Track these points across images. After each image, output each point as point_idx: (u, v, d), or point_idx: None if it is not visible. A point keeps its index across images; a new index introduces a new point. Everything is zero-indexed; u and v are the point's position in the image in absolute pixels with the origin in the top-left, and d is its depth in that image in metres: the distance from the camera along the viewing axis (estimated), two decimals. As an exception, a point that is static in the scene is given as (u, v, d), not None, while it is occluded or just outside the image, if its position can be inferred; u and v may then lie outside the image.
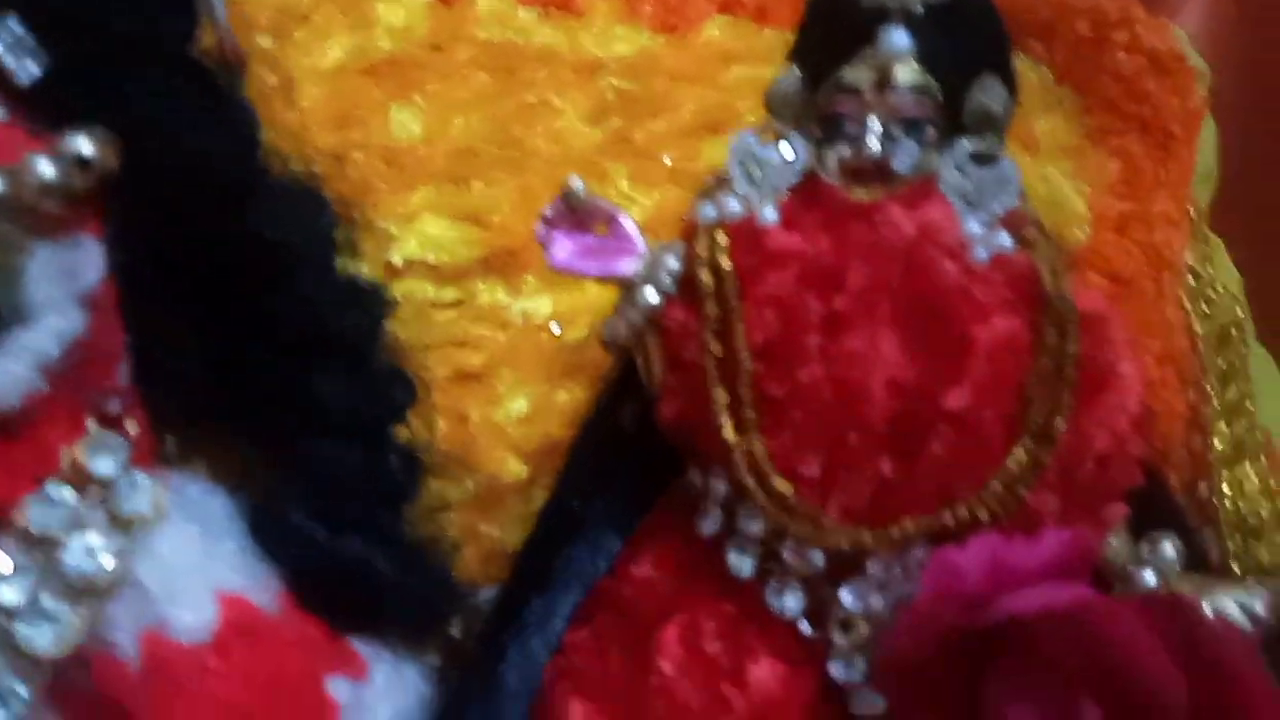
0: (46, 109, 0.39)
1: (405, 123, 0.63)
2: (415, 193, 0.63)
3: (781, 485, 0.40)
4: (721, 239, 0.42)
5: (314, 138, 0.61)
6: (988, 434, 0.38)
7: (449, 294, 0.62)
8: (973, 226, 0.41)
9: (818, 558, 0.41)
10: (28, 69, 0.38)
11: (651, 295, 0.42)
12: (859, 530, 0.39)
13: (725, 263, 0.41)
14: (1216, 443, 0.73)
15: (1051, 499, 0.40)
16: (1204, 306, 0.75)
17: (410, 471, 0.46)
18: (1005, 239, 0.41)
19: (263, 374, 0.44)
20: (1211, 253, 0.84)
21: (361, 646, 0.44)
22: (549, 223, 0.44)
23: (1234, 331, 0.75)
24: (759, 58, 0.69)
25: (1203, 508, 0.75)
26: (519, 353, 0.62)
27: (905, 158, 0.41)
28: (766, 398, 0.40)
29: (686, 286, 0.42)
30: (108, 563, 0.36)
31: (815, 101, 0.42)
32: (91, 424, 0.37)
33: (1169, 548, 0.41)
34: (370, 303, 0.47)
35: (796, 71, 0.42)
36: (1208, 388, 0.73)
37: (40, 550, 0.35)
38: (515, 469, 0.57)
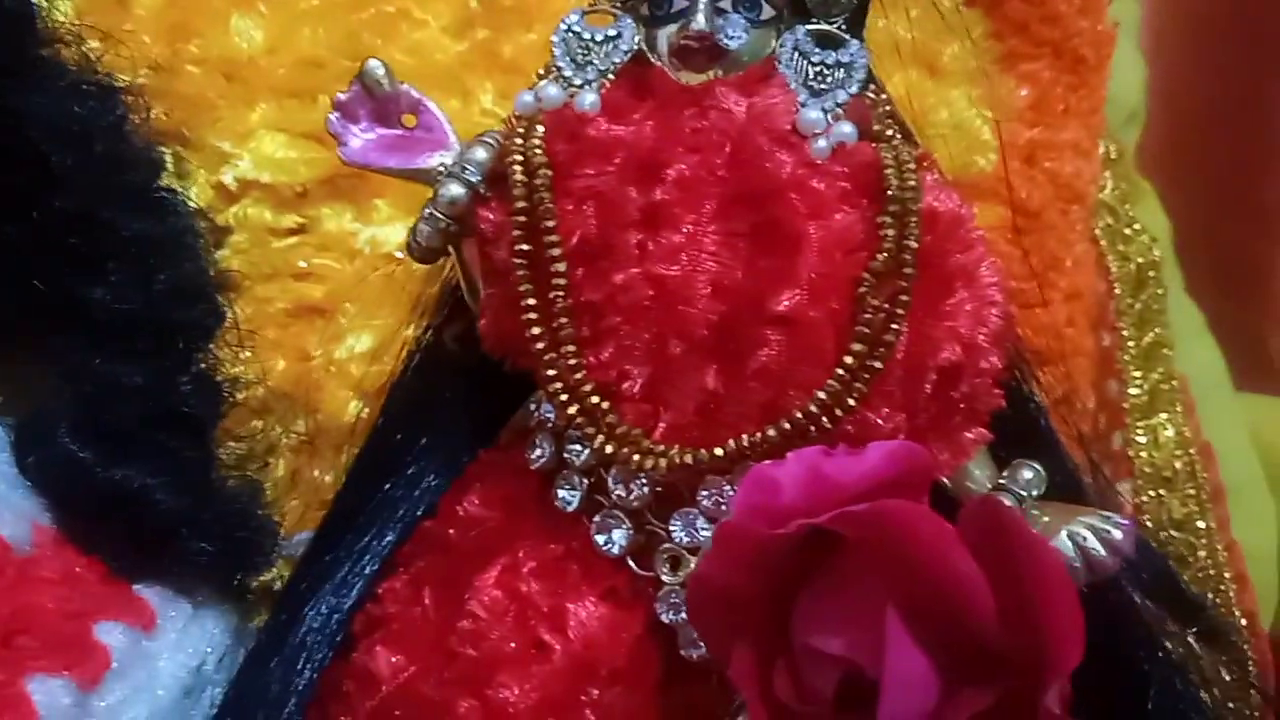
0: None
1: (246, 31, 0.60)
2: (255, 109, 0.60)
3: (601, 404, 0.37)
4: (538, 129, 0.38)
5: (146, 49, 0.57)
6: (819, 340, 0.35)
7: (289, 220, 0.59)
8: (813, 115, 0.38)
9: (643, 487, 0.38)
10: None
11: (456, 190, 0.39)
12: (683, 451, 0.37)
13: (538, 154, 0.38)
14: (1131, 391, 0.71)
15: (896, 416, 0.37)
16: (1121, 246, 0.74)
17: (209, 400, 0.42)
18: (849, 129, 0.38)
19: (41, 281, 0.40)
20: (1135, 195, 0.82)
21: (152, 594, 0.41)
22: (344, 110, 0.40)
23: (1151, 274, 0.74)
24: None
25: (1118, 460, 0.74)
26: (366, 285, 0.59)
27: (734, 34, 0.38)
28: (582, 305, 0.37)
29: (496, 181, 0.39)
30: None
31: (644, -23, 0.39)
32: None
33: (1026, 472, 0.39)
34: (166, 212, 0.44)
35: (624, -56, 0.39)
36: (1123, 332, 0.72)
37: None
38: (356, 410, 0.54)
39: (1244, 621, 0.66)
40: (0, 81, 0.40)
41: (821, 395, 0.35)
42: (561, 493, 0.40)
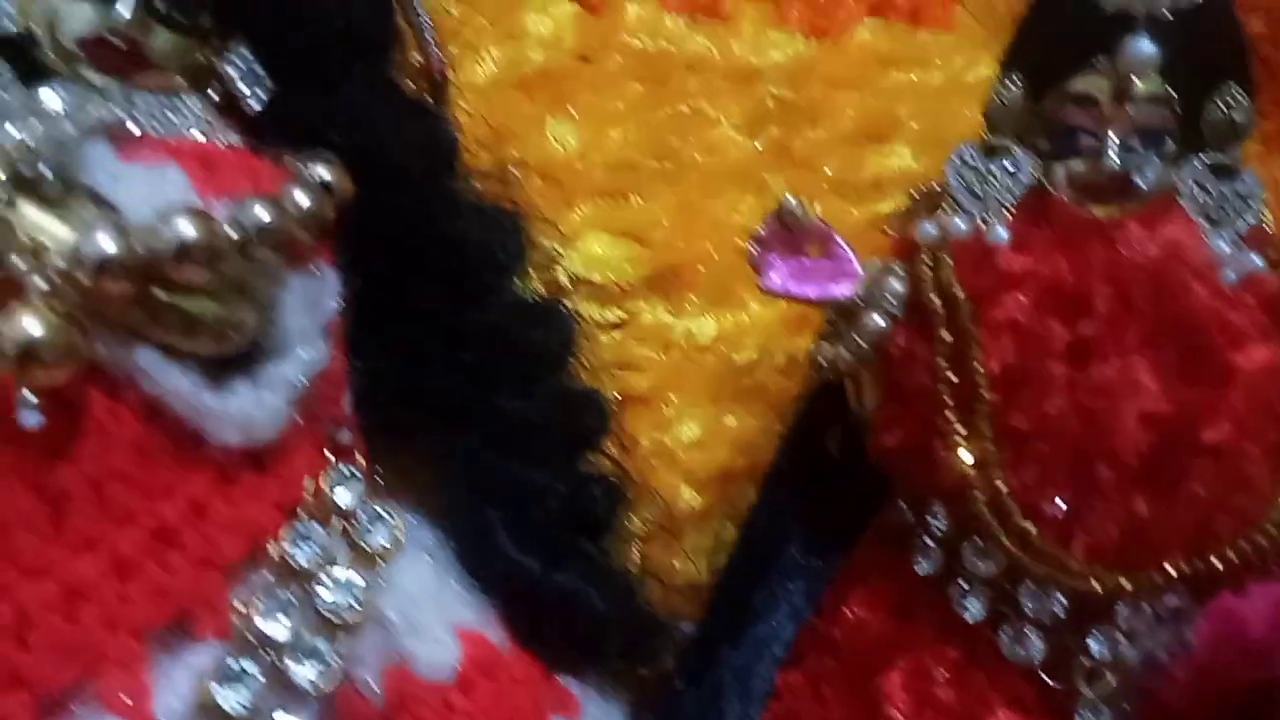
0: (266, 134, 0.41)
1: (562, 137, 0.63)
2: (575, 209, 0.63)
3: (1025, 524, 0.39)
4: (947, 260, 0.41)
5: (471, 155, 0.62)
6: (1252, 470, 0.38)
7: (612, 314, 0.63)
8: (1219, 245, 0.40)
9: (1059, 602, 0.40)
10: (257, 97, 0.39)
11: (879, 321, 0.42)
12: (1113, 574, 0.38)
13: (956, 287, 0.40)
14: None
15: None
16: None
17: (612, 501, 0.46)
18: (1254, 259, 0.40)
19: (454, 394, 0.44)
20: None
21: (572, 684, 0.44)
22: (762, 244, 0.43)
23: None
24: (917, 61, 0.68)
25: None
26: (684, 375, 0.61)
27: (1148, 173, 0.40)
28: (1008, 430, 0.39)
29: (913, 311, 0.42)
30: (358, 598, 0.36)
31: (1040, 112, 0.42)
32: (329, 454, 0.38)
33: None
34: (557, 321, 0.48)
35: (1017, 81, 0.42)
36: None
37: (297, 585, 0.36)
38: (689, 498, 0.57)
39: None
40: (434, 214, 0.44)
41: (1268, 528, 0.37)
42: (966, 601, 0.41)
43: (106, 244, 0.32)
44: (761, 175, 0.64)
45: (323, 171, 0.37)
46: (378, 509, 0.38)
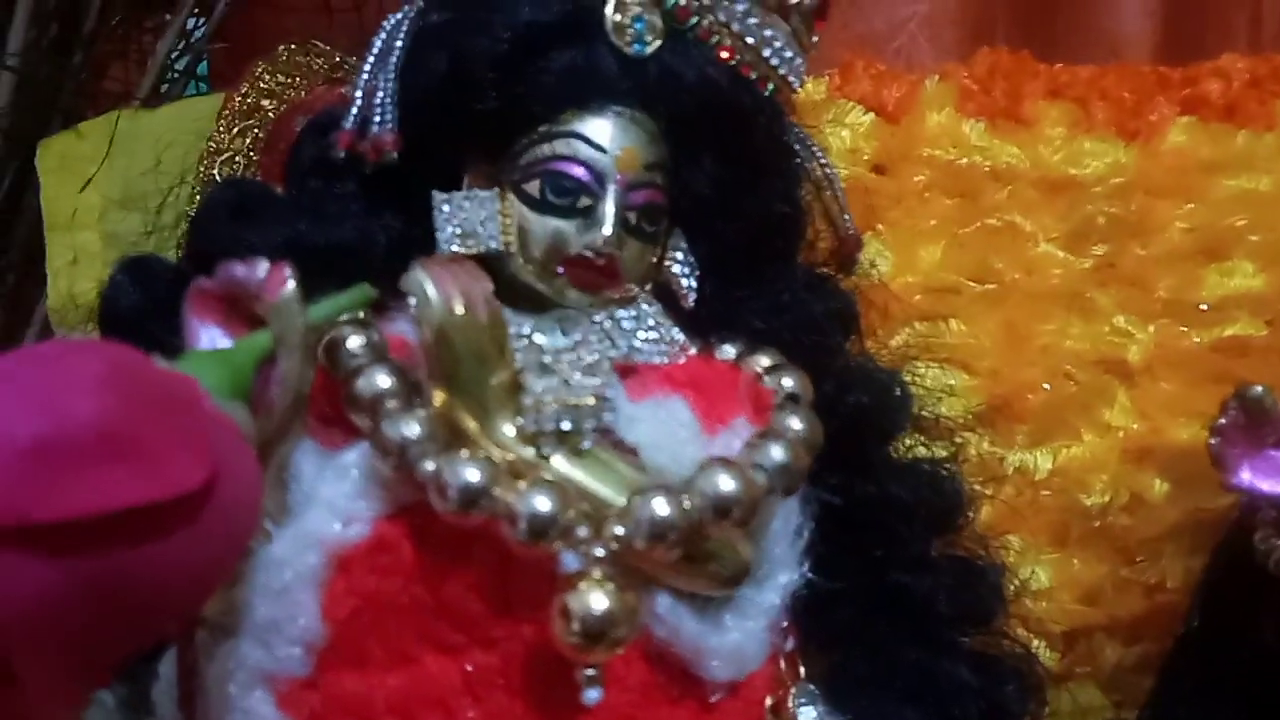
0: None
1: (871, 257, 0.61)
2: (894, 336, 0.61)
3: None
4: None
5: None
6: None
7: (937, 450, 0.59)
8: None
9: None
10: (692, 289, 0.38)
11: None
12: None
13: None
14: None
15: None
16: None
17: (1026, 698, 0.43)
18: None
19: (849, 577, 0.41)
20: None
21: None
22: (1223, 436, 0.40)
23: None
24: (1243, 166, 0.63)
25: None
26: (1020, 514, 0.58)
27: None
28: None
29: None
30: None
31: None
32: (783, 667, 0.36)
33: None
34: (948, 484, 0.45)
35: None
36: None
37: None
38: (1046, 656, 0.53)
39: None
40: (833, 386, 0.42)
41: None
42: None
43: (661, 508, 0.31)
44: (1088, 296, 0.61)
45: (791, 382, 0.36)
46: (834, 732, 0.36)
